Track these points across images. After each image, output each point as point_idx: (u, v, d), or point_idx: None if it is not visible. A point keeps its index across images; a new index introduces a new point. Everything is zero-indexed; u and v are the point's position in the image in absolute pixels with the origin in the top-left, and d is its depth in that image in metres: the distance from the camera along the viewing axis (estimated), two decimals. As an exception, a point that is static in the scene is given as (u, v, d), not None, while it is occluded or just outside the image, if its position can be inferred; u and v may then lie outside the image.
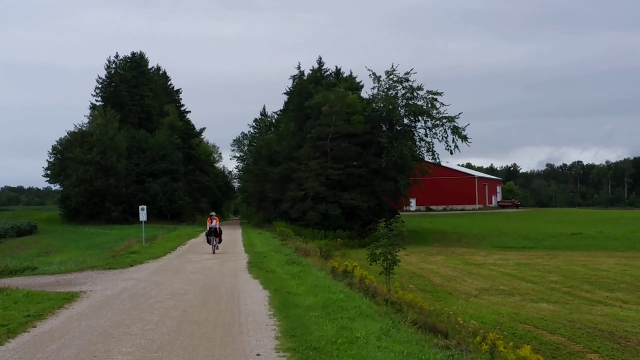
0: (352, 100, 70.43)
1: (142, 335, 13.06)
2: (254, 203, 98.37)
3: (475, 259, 47.49)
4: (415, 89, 69.38)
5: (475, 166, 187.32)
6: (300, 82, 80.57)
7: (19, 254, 45.81)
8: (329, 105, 68.35)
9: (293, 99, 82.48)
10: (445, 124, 69.24)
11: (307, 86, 76.68)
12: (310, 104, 71.20)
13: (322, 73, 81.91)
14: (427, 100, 69.16)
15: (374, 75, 70.93)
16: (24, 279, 24.62)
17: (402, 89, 70.05)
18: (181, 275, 25.13)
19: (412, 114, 70.29)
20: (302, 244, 43.03)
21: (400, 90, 70.23)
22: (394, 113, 69.54)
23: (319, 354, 10.90)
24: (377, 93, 71.82)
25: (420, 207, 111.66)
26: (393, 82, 70.12)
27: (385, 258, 29.86)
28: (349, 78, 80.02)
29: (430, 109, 69.05)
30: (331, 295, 17.61)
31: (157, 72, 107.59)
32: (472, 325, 19.19)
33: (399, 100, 70.09)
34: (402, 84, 69.73)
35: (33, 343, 12.44)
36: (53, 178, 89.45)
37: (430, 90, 69.44)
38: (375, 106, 71.36)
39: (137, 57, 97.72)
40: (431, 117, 69.35)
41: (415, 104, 69.51)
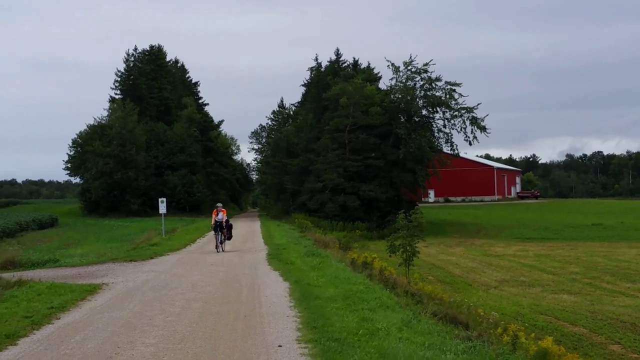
0: (370, 91, 70.24)
1: (164, 326, 13.15)
2: (272, 195, 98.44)
3: (495, 250, 47.32)
4: (433, 80, 69.09)
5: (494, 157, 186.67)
6: (318, 74, 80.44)
7: (41, 246, 46.08)
8: (346, 96, 68.21)
9: (311, 91, 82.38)
10: (463, 114, 68.93)
11: (325, 78, 76.56)
12: (328, 96, 71.07)
13: (339, 65, 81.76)
14: (445, 91, 68.89)
15: (393, 66, 70.78)
16: (46, 271, 24.81)
17: (420, 80, 69.82)
18: (201, 267, 25.24)
19: (431, 105, 69.99)
20: (321, 236, 43.02)
21: (418, 82, 70.02)
22: (412, 104, 69.29)
23: (340, 345, 10.93)
24: (396, 84, 71.59)
25: (438, 199, 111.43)
26: (411, 73, 69.90)
27: (405, 249, 29.85)
28: (367, 69, 79.79)
29: (449, 100, 68.74)
30: (351, 287, 17.64)
31: (175, 65, 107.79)
32: (493, 317, 19.18)
33: (417, 91, 69.83)
34: (421, 75, 69.49)
35: (57, 334, 12.55)
36: (73, 171, 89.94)
37: (448, 81, 69.20)
38: (394, 97, 71.13)
39: (156, 50, 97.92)
40: (450, 108, 69.05)
41: (433, 95, 69.23)
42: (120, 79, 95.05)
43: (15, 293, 17.60)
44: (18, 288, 18.65)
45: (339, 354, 10.26)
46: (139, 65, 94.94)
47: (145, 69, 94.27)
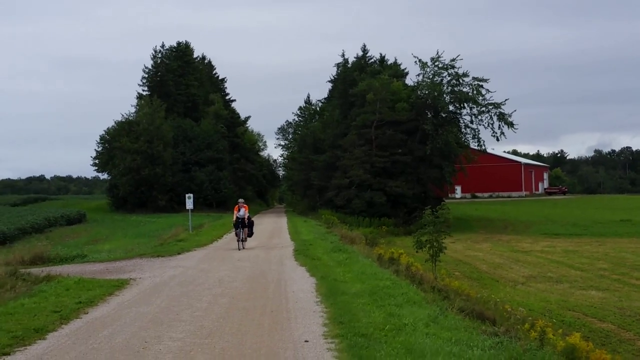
0: (397, 87, 70.06)
1: (191, 321, 13.21)
2: (299, 191, 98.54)
3: (522, 246, 47.06)
4: (460, 75, 68.70)
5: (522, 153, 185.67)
6: (345, 69, 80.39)
7: (69, 242, 46.42)
8: (373, 92, 68.07)
9: (337, 87, 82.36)
10: (491, 110, 68.48)
11: (352, 74, 76.49)
12: (355, 92, 70.97)
13: (366, 60, 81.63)
14: (472, 86, 68.47)
15: (420, 62, 70.43)
16: (74, 267, 24.99)
17: (447, 75, 69.46)
18: (228, 262, 25.31)
19: (458, 100, 69.64)
20: (348, 232, 43.01)
21: (445, 77, 69.67)
22: (439, 100, 69.01)
23: (367, 340, 10.92)
24: (422, 80, 71.28)
25: (465, 195, 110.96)
26: (438, 69, 69.54)
27: (432, 245, 29.75)
28: (394, 65, 79.60)
29: (476, 96, 68.34)
30: (378, 282, 17.63)
31: (202, 62, 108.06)
32: (520, 313, 19.11)
33: (444, 87, 69.49)
34: (448, 71, 69.14)
35: (85, 329, 12.65)
36: (101, 167, 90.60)
37: (476, 76, 68.77)
38: (420, 93, 70.89)
39: (183, 47, 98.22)
40: (477, 103, 68.66)
41: (460, 90, 68.85)
42: (148, 75, 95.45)
43: (44, 288, 17.76)
44: (47, 283, 18.82)
45: (365, 350, 10.25)
46: (166, 62, 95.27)
47: (173, 66, 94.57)
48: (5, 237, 48.43)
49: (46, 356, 10.53)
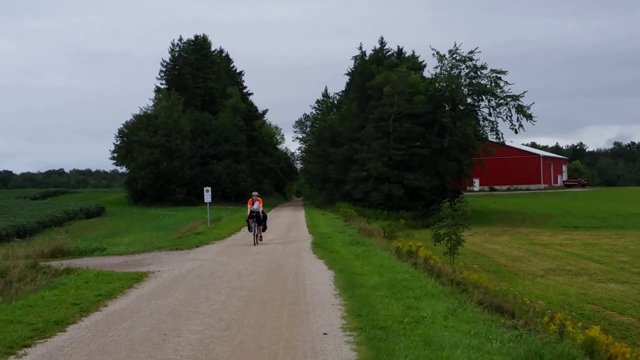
0: (415, 80, 69.90)
1: (210, 314, 13.25)
2: (316, 184, 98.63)
3: (541, 239, 46.88)
4: (479, 68, 68.45)
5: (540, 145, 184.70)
6: (362, 62, 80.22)
7: (88, 235, 46.67)
8: (391, 85, 67.95)
9: (355, 80, 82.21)
10: (509, 102, 68.19)
11: (369, 67, 76.34)
12: (372, 85, 70.88)
13: (383, 53, 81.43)
14: (491, 79, 68.19)
15: (438, 54, 70.20)
16: (94, 260, 25.13)
17: (465, 68, 69.22)
18: (246, 255, 25.36)
19: (476, 93, 69.39)
20: (366, 225, 42.98)
21: (463, 70, 69.43)
22: (457, 92, 68.80)
23: (385, 333, 10.92)
24: (440, 72, 71.06)
25: (483, 187, 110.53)
26: (456, 62, 69.31)
27: (450, 238, 29.75)
28: (411, 58, 79.44)
29: (494, 88, 68.07)
30: (396, 275, 17.62)
31: (219, 55, 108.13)
32: (539, 306, 19.06)
33: (462, 79, 69.26)
34: (466, 63, 68.90)
35: (105, 321, 12.72)
36: (119, 161, 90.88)
37: (494, 69, 68.46)
38: (438, 86, 70.68)
39: (200, 40, 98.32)
40: (495, 96, 68.38)
41: (479, 83, 68.59)
42: (166, 69, 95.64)
43: (64, 281, 17.88)
44: (66, 276, 18.95)
45: (384, 342, 10.25)
46: (184, 55, 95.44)
47: (190, 59, 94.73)
48: (25, 230, 48.74)
49: (66, 348, 10.60)
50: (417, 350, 9.52)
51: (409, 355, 9.19)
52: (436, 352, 9.37)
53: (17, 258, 22.28)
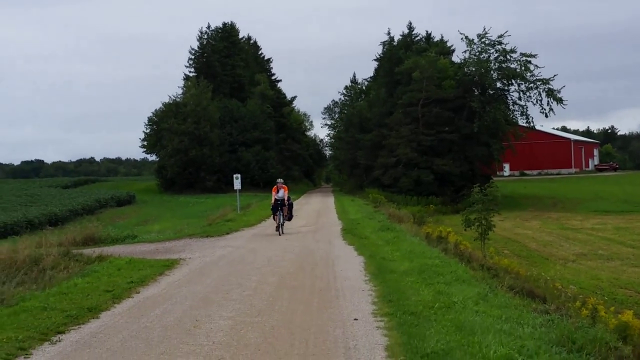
0: (443, 64, 69.59)
1: (241, 300, 13.31)
2: (345, 170, 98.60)
3: (572, 224, 46.55)
4: (508, 51, 67.98)
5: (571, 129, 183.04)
6: (390, 48, 79.97)
7: (119, 223, 47.04)
8: (419, 70, 67.70)
9: (383, 65, 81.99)
10: (539, 86, 67.67)
11: (397, 52, 76.09)
12: (401, 70, 70.65)
13: (412, 38, 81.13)
14: (520, 62, 67.70)
15: (466, 38, 69.76)
16: (125, 247, 25.31)
17: (494, 52, 68.77)
18: (276, 242, 25.43)
19: (505, 77, 68.94)
20: (395, 211, 42.93)
21: (492, 54, 68.97)
22: (487, 77, 68.39)
23: (416, 318, 10.92)
24: (469, 57, 70.65)
25: (514, 172, 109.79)
26: (485, 46, 68.88)
27: (480, 223, 29.67)
28: (440, 42, 79.04)
29: (524, 72, 67.58)
30: (426, 261, 17.58)
31: (247, 42, 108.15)
32: (571, 290, 18.90)
33: (491, 63, 68.82)
34: (495, 47, 68.44)
35: (137, 308, 12.83)
36: (149, 149, 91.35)
37: (524, 52, 68.01)
38: (467, 70, 70.31)
39: (228, 28, 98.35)
40: (525, 80, 67.90)
41: (508, 67, 68.13)
42: (194, 56, 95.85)
43: (96, 268, 18.04)
44: (99, 263, 19.12)
45: (415, 327, 10.25)
46: (212, 43, 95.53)
47: (219, 47, 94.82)
48: (57, 218, 49.22)
49: (100, 334, 10.70)
50: (448, 336, 9.52)
51: (440, 341, 9.19)
52: (467, 337, 9.35)
53: (50, 246, 22.41)
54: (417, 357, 8.58)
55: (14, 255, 19.99)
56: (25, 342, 9.99)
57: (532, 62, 67.47)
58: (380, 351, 9.21)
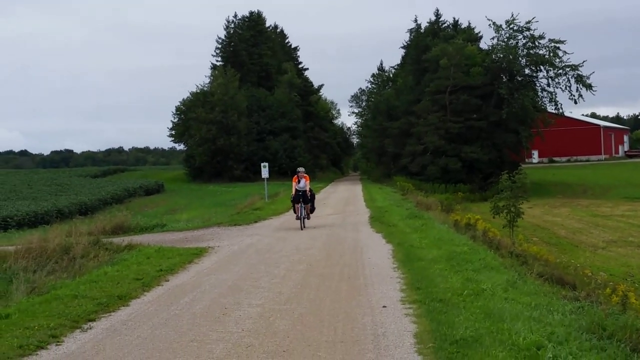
0: (471, 51, 69.19)
1: (269, 288, 13.35)
2: (373, 158, 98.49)
3: (602, 211, 46.19)
4: (536, 37, 67.46)
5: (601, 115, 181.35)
6: (418, 35, 79.71)
7: (148, 211, 47.27)
8: (447, 57, 67.39)
9: (410, 53, 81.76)
10: (568, 72, 67.16)
11: (425, 39, 75.78)
12: (428, 57, 70.37)
13: (439, 25, 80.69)
14: (549, 49, 67.15)
15: (494, 25, 69.29)
16: (154, 236, 25.47)
17: (522, 38, 68.28)
18: (304, 230, 25.44)
19: (534, 63, 68.44)
20: (423, 198, 42.81)
21: (521, 40, 68.49)
22: (515, 63, 67.93)
23: (445, 305, 10.89)
24: (497, 43, 70.20)
25: (542, 159, 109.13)
26: (513, 32, 68.41)
27: (509, 210, 29.55)
28: (467, 29, 78.53)
29: (553, 58, 67.05)
30: (455, 248, 17.52)
31: (274, 31, 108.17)
32: (601, 277, 18.80)
33: (519, 50, 68.34)
34: (523, 33, 67.96)
35: (167, 296, 12.91)
36: (177, 138, 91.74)
37: (552, 38, 67.45)
38: (495, 57, 69.85)
39: (255, 16, 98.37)
40: (553, 66, 67.38)
41: (536, 53, 67.61)
42: (221, 46, 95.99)
43: (126, 256, 18.18)
44: (128, 252, 19.27)
45: (444, 314, 10.23)
46: (239, 32, 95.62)
47: (245, 35, 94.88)
48: (87, 207, 49.59)
49: (130, 322, 10.78)
50: (477, 323, 9.49)
51: (470, 328, 9.16)
52: (497, 324, 9.31)
53: (79, 235, 22.61)
54: (446, 344, 8.56)
55: (45, 244, 20.20)
56: (57, 330, 10.09)
57: (560, 48, 66.96)
58: (409, 338, 9.20)
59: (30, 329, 10.04)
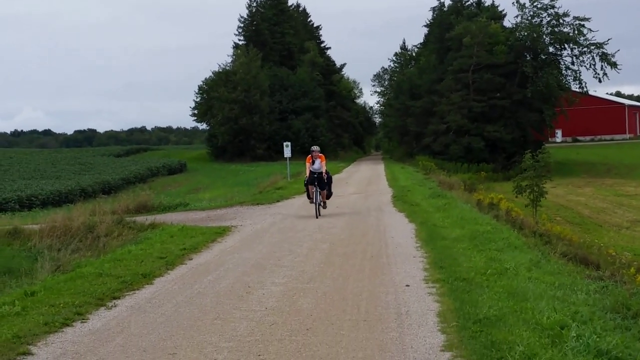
0: (495, 30, 68.71)
1: (292, 267, 13.38)
2: (395, 138, 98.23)
3: (627, 190, 45.85)
4: (561, 15, 66.91)
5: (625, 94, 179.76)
6: (441, 13, 79.25)
7: (171, 191, 47.52)
8: (470, 36, 66.95)
9: (433, 32, 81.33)
10: (593, 51, 66.60)
11: (448, 17, 75.32)
12: (451, 36, 69.94)
13: (462, 3, 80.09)
14: (573, 26, 66.59)
15: (518, 2, 68.76)
16: (177, 215, 25.58)
17: (547, 16, 67.71)
18: (327, 209, 25.43)
19: (558, 41, 67.91)
20: (446, 178, 42.73)
21: (545, 18, 67.92)
22: (539, 41, 67.42)
23: (468, 284, 10.86)
24: (521, 21, 69.73)
25: (566, 138, 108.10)
26: (537, 10, 67.85)
27: (532, 190, 29.44)
28: (491, 7, 77.92)
29: (577, 36, 66.49)
30: (478, 227, 17.47)
31: (296, 10, 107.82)
32: (625, 257, 18.72)
33: (543, 28, 67.81)
34: (547, 11, 67.39)
35: (190, 274, 12.98)
36: (200, 117, 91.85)
37: (577, 16, 66.88)
38: (519, 35, 69.37)
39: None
40: (578, 44, 66.82)
41: (561, 31, 67.06)
42: (244, 25, 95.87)
43: (149, 235, 18.29)
44: (151, 230, 19.41)
45: (467, 293, 10.21)
46: (261, 11, 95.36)
47: (268, 14, 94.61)
48: (110, 186, 49.99)
49: (154, 300, 10.85)
50: (500, 302, 9.46)
51: (493, 307, 9.13)
52: (520, 303, 9.29)
53: (103, 214, 22.81)
54: (469, 322, 8.55)
55: (69, 223, 20.40)
56: (82, 307, 10.18)
57: (585, 26, 66.39)
58: (432, 317, 9.20)
59: (55, 307, 10.13)
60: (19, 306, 10.05)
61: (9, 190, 43.59)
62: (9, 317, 9.53)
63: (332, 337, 8.35)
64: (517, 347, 7.21)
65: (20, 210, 37.26)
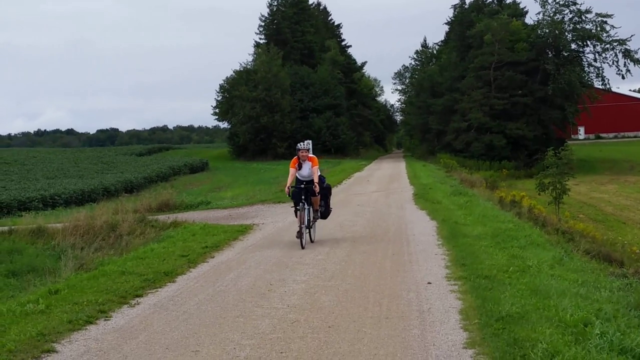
0: (516, 27, 68.47)
1: (314, 264, 13.37)
2: (416, 135, 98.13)
3: (650, 187, 45.57)
4: (583, 12, 66.56)
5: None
6: (462, 11, 79.14)
7: (193, 189, 47.62)
8: (491, 33, 66.77)
9: (454, 29, 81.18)
10: (615, 47, 66.27)
11: (469, 15, 75.23)
12: (472, 33, 69.80)
13: (483, 1, 79.92)
14: (596, 23, 66.28)
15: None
16: (199, 213, 25.66)
17: (569, 12, 67.41)
18: (348, 207, 25.44)
19: (580, 38, 67.58)
20: (467, 175, 42.65)
21: (567, 15, 67.61)
22: (561, 38, 67.12)
23: (490, 282, 10.81)
24: (543, 18, 69.46)
25: (589, 135, 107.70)
26: (559, 6, 67.55)
27: (554, 187, 29.29)
28: (512, 4, 77.71)
29: (600, 33, 66.14)
30: (500, 225, 17.41)
31: (317, 8, 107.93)
32: (649, 255, 18.58)
33: (565, 24, 67.46)
34: (569, 8, 67.07)
35: (212, 272, 13.00)
36: (221, 116, 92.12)
37: (599, 12, 66.50)
38: (541, 32, 69.08)
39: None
40: (601, 40, 66.48)
41: (583, 27, 66.74)
42: (265, 23, 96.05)
43: (171, 234, 18.35)
44: (174, 229, 19.46)
45: (489, 291, 10.16)
46: (282, 10, 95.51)
47: (288, 13, 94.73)
48: (133, 185, 50.13)
49: (177, 298, 10.88)
50: (523, 299, 9.41)
51: (515, 304, 9.09)
52: (543, 300, 9.24)
53: (126, 212, 22.91)
54: (492, 320, 8.51)
55: (92, 221, 20.51)
56: (105, 305, 10.22)
57: (607, 22, 66.02)
58: (454, 314, 9.17)
59: (79, 304, 10.19)
60: (43, 304, 10.11)
61: (33, 190, 43.80)
62: (34, 315, 9.59)
63: (354, 335, 8.35)
64: (540, 345, 7.18)
65: (43, 209, 37.41)
